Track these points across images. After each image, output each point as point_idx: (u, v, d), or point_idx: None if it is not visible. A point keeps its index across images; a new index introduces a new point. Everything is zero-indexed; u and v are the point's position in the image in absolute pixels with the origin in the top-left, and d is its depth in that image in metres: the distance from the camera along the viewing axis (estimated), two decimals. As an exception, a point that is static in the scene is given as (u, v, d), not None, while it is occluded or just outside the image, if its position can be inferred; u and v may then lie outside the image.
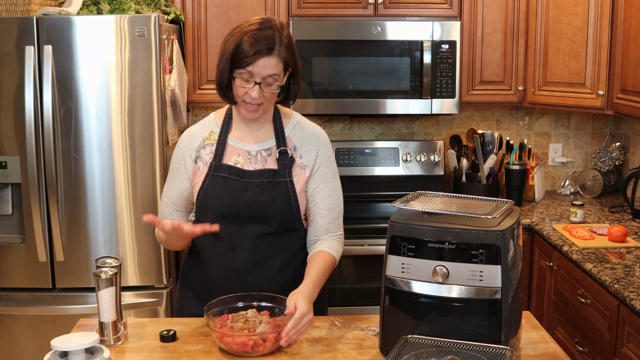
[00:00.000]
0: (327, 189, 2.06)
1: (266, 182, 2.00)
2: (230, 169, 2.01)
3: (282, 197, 2.00)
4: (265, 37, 1.89)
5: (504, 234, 1.65)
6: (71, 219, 2.95)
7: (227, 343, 1.79)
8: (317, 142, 2.07)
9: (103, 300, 1.88)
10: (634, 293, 2.22)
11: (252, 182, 2.00)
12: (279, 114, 2.07)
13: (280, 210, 2.00)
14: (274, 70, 1.90)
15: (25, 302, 3.01)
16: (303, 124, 2.10)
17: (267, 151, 2.04)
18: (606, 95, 3.13)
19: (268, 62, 1.89)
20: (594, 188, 3.65)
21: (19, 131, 2.88)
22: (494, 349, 1.61)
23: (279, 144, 2.03)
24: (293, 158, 2.03)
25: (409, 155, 3.65)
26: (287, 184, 2.01)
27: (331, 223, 2.07)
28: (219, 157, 2.03)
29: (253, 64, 1.88)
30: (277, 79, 1.93)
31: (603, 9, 3.09)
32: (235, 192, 2.00)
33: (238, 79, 1.91)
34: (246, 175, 2.00)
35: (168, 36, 3.03)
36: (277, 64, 1.90)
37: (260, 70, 1.89)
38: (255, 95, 1.92)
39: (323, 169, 2.06)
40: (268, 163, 2.02)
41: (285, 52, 1.91)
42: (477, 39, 3.42)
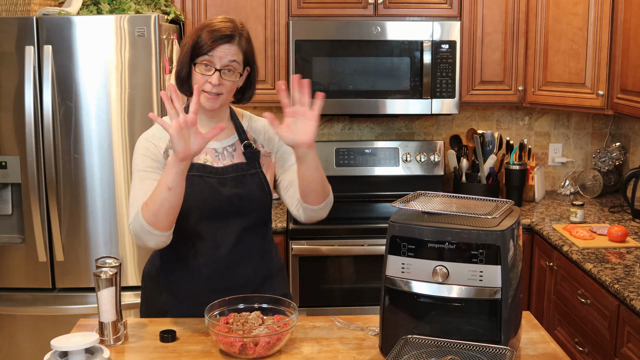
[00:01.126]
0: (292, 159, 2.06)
1: (240, 176, 2.03)
2: (204, 167, 2.02)
3: (257, 186, 2.04)
4: (225, 27, 1.95)
5: (504, 234, 1.65)
6: (71, 219, 2.95)
7: (219, 342, 1.80)
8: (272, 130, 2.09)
9: (103, 300, 1.88)
10: (634, 293, 2.22)
11: (227, 177, 2.02)
12: (233, 112, 2.13)
13: (259, 200, 2.05)
14: (235, 57, 1.94)
15: (25, 302, 3.01)
16: (255, 119, 2.16)
17: (232, 147, 2.07)
18: (606, 95, 3.13)
19: (229, 49, 1.93)
20: (594, 188, 3.65)
21: (19, 131, 2.88)
22: (494, 349, 1.61)
23: (241, 139, 2.08)
24: (257, 149, 2.08)
25: (409, 155, 3.65)
26: (259, 174, 2.05)
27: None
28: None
29: (214, 50, 1.92)
30: (236, 67, 1.96)
31: (603, 9, 3.09)
32: (214, 188, 2.01)
33: (199, 66, 1.94)
34: (219, 171, 2.02)
35: (168, 36, 3.03)
36: (237, 52, 1.95)
37: (221, 56, 1.93)
38: (215, 82, 1.93)
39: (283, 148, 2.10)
40: (235, 158, 2.06)
41: (245, 44, 1.98)
42: (477, 39, 3.42)
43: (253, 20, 3.35)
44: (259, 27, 3.36)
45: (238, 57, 1.96)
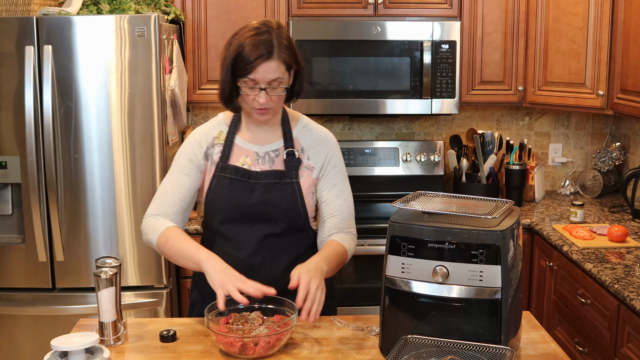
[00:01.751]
0: (336, 190, 2.08)
1: (272, 183, 2.01)
2: (237, 170, 2.01)
3: (289, 197, 2.01)
4: (263, 42, 1.88)
5: (504, 234, 1.65)
6: (71, 219, 2.95)
7: (219, 342, 1.80)
8: (327, 145, 2.09)
9: (103, 300, 1.88)
10: (634, 293, 2.22)
11: (259, 182, 2.00)
12: (287, 116, 2.09)
13: (286, 210, 2.01)
14: (276, 73, 1.90)
15: (25, 302, 3.01)
16: (311, 127, 2.11)
17: (275, 152, 2.05)
18: (606, 95, 3.13)
19: (269, 66, 1.88)
20: (594, 188, 3.65)
21: (19, 131, 2.88)
22: (494, 349, 1.61)
23: (286, 145, 2.04)
24: (300, 159, 2.04)
25: (409, 155, 3.65)
26: (293, 185, 2.02)
27: (342, 222, 2.08)
28: (225, 158, 2.03)
29: (254, 71, 1.88)
30: (281, 81, 1.92)
31: (603, 9, 3.09)
32: (241, 193, 2.00)
33: (243, 87, 1.92)
34: (252, 176, 2.01)
35: (168, 36, 3.03)
36: (278, 66, 1.90)
37: (263, 76, 1.89)
38: (262, 101, 1.92)
39: (332, 171, 2.08)
40: (275, 164, 2.04)
41: (285, 53, 1.90)
42: (477, 39, 3.42)
43: (253, 20, 3.34)
44: (259, 27, 3.35)
45: (280, 71, 1.91)
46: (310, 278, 1.81)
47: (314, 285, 1.80)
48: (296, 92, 2.03)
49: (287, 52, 1.91)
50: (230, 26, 3.34)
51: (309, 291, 1.79)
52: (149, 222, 2.03)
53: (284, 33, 1.94)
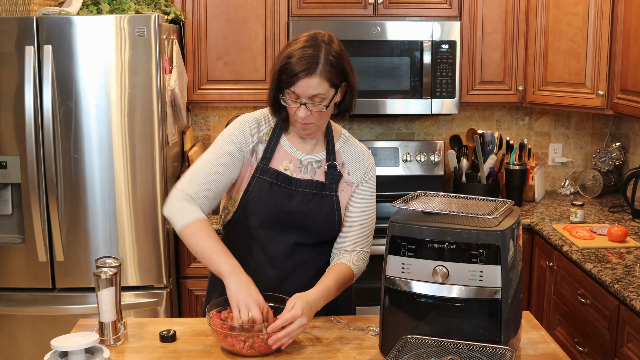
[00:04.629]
0: (363, 204, 2.07)
1: (312, 194, 1.99)
2: (278, 174, 1.98)
3: (327, 210, 2.00)
4: (307, 57, 1.85)
5: (504, 234, 1.65)
6: (71, 219, 2.95)
7: (220, 340, 1.81)
8: (366, 162, 2.08)
9: (103, 300, 1.88)
10: (634, 293, 2.22)
11: (298, 191, 1.99)
12: (330, 129, 2.06)
13: (323, 223, 2.00)
14: (317, 90, 1.86)
15: (25, 302, 3.01)
16: (352, 142, 2.10)
17: (318, 163, 2.03)
18: (606, 95, 3.13)
19: (309, 82, 1.85)
20: (594, 188, 3.65)
21: (19, 131, 2.88)
22: (494, 349, 1.61)
23: (328, 158, 2.03)
24: (341, 173, 2.03)
25: (409, 155, 3.65)
26: (332, 198, 2.01)
27: (359, 237, 2.05)
28: (267, 160, 2.00)
29: (295, 85, 1.86)
30: (323, 98, 1.88)
31: (603, 9, 3.09)
32: (280, 199, 1.98)
33: (287, 98, 1.91)
34: (292, 183, 1.99)
35: (168, 36, 3.03)
36: (320, 83, 1.86)
37: (304, 91, 1.86)
38: (302, 115, 1.90)
39: (365, 186, 2.07)
40: (317, 175, 2.02)
41: (329, 70, 1.86)
42: (477, 39, 3.42)
43: (253, 20, 3.35)
44: (259, 27, 3.36)
45: (322, 88, 1.87)
46: (302, 312, 1.77)
47: (298, 323, 1.77)
48: (343, 110, 1.99)
49: (333, 69, 1.87)
50: (230, 26, 3.34)
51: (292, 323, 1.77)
52: (180, 203, 1.93)
53: (334, 49, 1.89)
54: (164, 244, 3.00)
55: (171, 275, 3.08)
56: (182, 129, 3.45)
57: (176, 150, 3.28)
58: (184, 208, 1.92)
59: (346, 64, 1.92)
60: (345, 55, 1.93)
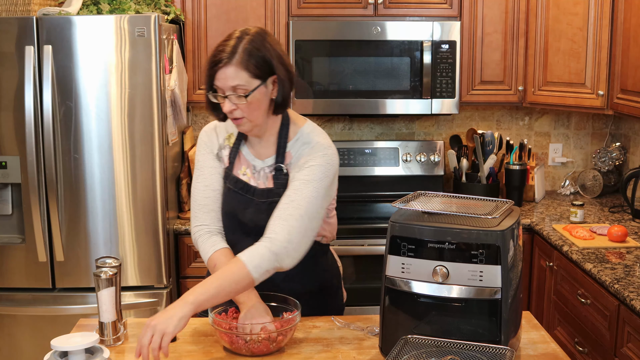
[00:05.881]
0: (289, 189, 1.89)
1: (262, 202, 1.95)
2: (237, 181, 1.98)
3: None
4: (222, 48, 1.82)
5: (504, 234, 1.65)
6: (71, 219, 2.95)
7: (222, 339, 1.82)
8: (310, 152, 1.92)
9: (103, 300, 1.88)
10: (634, 293, 2.22)
11: (252, 199, 1.96)
12: (287, 125, 1.98)
13: None
14: (236, 80, 1.81)
15: (25, 302, 3.01)
16: (307, 139, 1.95)
17: (270, 168, 1.98)
18: (606, 95, 3.13)
19: (226, 72, 1.81)
20: (594, 188, 3.65)
21: (19, 131, 2.88)
22: (494, 349, 1.61)
23: (277, 160, 1.96)
24: (288, 174, 1.94)
25: (409, 155, 3.65)
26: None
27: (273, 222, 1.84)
28: (230, 166, 2.00)
29: (215, 78, 1.83)
30: (245, 89, 1.82)
31: (603, 9, 3.09)
32: (237, 206, 1.98)
33: (218, 95, 1.87)
34: (249, 191, 1.97)
35: (168, 36, 3.03)
36: (237, 72, 1.81)
37: (224, 83, 1.83)
38: (227, 109, 1.85)
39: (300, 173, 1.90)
40: (268, 181, 1.97)
41: (247, 60, 1.81)
42: (477, 39, 3.42)
43: (253, 20, 3.35)
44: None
45: (241, 78, 1.82)
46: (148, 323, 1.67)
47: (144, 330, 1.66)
48: (279, 104, 1.90)
49: (252, 58, 1.81)
50: (230, 26, 3.34)
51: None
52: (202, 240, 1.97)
53: (259, 40, 1.84)
54: (164, 244, 3.00)
55: (171, 275, 3.08)
56: (182, 129, 3.45)
57: (176, 150, 3.28)
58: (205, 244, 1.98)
59: (270, 55, 1.85)
60: (272, 47, 1.86)
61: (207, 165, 2.02)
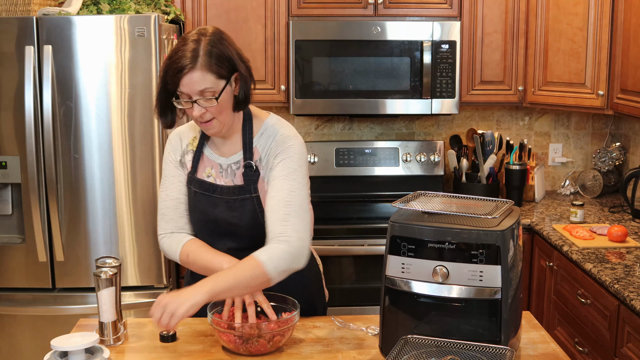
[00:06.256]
0: (272, 190, 1.88)
1: (232, 200, 1.94)
2: (202, 183, 1.97)
3: (249, 214, 1.93)
4: (186, 52, 1.78)
5: (504, 234, 1.65)
6: (71, 219, 2.95)
7: (221, 338, 1.82)
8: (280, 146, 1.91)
9: (103, 300, 1.88)
10: (634, 293, 2.22)
11: (221, 198, 1.95)
12: (250, 120, 1.96)
13: (249, 227, 1.94)
14: (203, 84, 1.79)
15: (25, 302, 3.01)
16: (272, 131, 1.94)
17: (236, 164, 1.96)
18: (606, 95, 3.13)
19: (192, 77, 1.77)
20: (594, 188, 3.65)
21: (19, 131, 2.88)
22: (494, 349, 1.61)
23: (245, 157, 1.94)
24: (259, 171, 1.93)
25: (409, 155, 3.65)
26: (252, 200, 1.93)
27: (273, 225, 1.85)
28: (193, 170, 2.00)
29: (180, 84, 1.79)
30: (213, 91, 1.80)
31: (603, 9, 3.09)
32: (205, 207, 1.97)
33: (182, 101, 1.83)
34: (216, 190, 1.95)
35: (168, 36, 3.03)
36: (203, 76, 1.78)
37: (190, 88, 1.79)
38: (197, 114, 1.83)
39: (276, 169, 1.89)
40: (236, 178, 1.95)
41: (210, 61, 1.78)
42: (477, 39, 3.42)
43: (253, 20, 3.35)
44: (259, 27, 3.36)
45: (208, 81, 1.79)
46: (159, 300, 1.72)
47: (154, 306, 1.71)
48: (240, 102, 1.88)
49: (214, 59, 1.79)
50: (230, 26, 3.34)
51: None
52: (166, 242, 2.00)
53: (217, 40, 1.82)
54: (164, 244, 3.00)
55: (171, 275, 3.09)
56: (182, 129, 3.44)
57: (176, 150, 3.28)
58: (171, 243, 1.99)
59: (230, 52, 1.83)
60: (229, 44, 1.84)
61: (169, 175, 2.03)
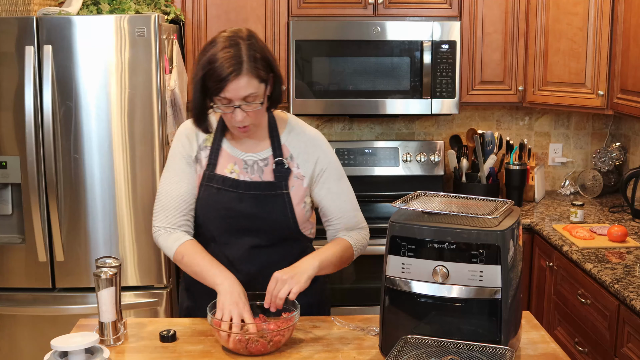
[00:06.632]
0: (332, 195, 2.03)
1: (262, 195, 1.95)
2: (225, 179, 1.96)
3: (279, 210, 1.96)
4: (230, 58, 1.79)
5: (504, 234, 1.65)
6: (71, 219, 2.95)
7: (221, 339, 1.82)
8: (315, 149, 2.01)
9: (103, 300, 1.88)
10: (634, 293, 2.22)
11: (247, 193, 1.95)
12: (274, 120, 2.00)
13: (276, 223, 1.97)
14: (248, 89, 1.81)
15: (25, 302, 3.01)
16: (299, 130, 2.02)
17: (264, 161, 1.98)
18: (606, 95, 3.13)
19: (238, 83, 1.79)
20: (594, 188, 3.65)
21: (19, 131, 2.88)
22: (494, 349, 1.61)
23: (275, 154, 1.97)
24: (290, 169, 1.97)
25: (409, 155, 3.65)
26: (283, 196, 1.96)
27: (348, 222, 2.06)
28: (212, 166, 1.98)
29: (225, 89, 1.79)
30: (256, 96, 1.83)
31: (603, 9, 3.09)
32: (229, 203, 1.96)
33: (219, 105, 1.84)
34: (240, 186, 1.95)
35: (168, 36, 3.03)
36: (249, 81, 1.80)
37: (235, 94, 1.80)
38: (239, 119, 1.84)
39: (324, 176, 2.02)
40: (265, 174, 1.97)
41: (255, 66, 1.81)
42: (477, 39, 3.42)
43: (253, 20, 3.35)
44: (259, 27, 3.36)
45: (252, 86, 1.81)
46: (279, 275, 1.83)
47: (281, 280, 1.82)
48: (274, 101, 1.94)
49: (259, 64, 1.82)
50: (230, 26, 3.32)
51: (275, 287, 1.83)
52: (163, 237, 2.00)
53: (256, 43, 1.84)
54: (164, 244, 3.00)
55: (171, 275, 3.08)
56: (182, 129, 3.44)
57: (176, 150, 3.27)
58: (167, 241, 1.99)
59: (269, 55, 1.87)
60: (265, 46, 1.88)
61: (178, 170, 2.00)
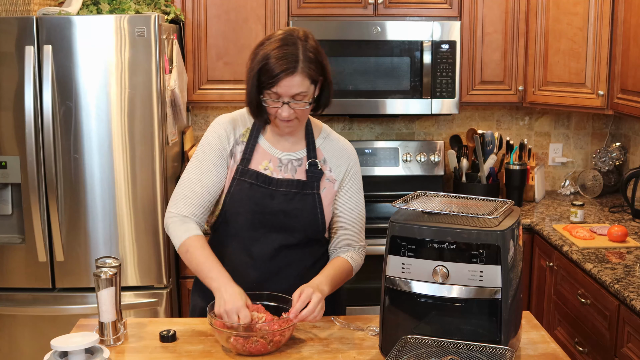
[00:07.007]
0: (351, 203, 2.07)
1: (293, 193, 1.98)
2: (258, 175, 1.98)
3: (309, 209, 1.99)
4: (286, 56, 1.84)
5: (504, 234, 1.65)
6: (71, 219, 2.95)
7: (222, 339, 1.82)
8: (348, 157, 2.07)
9: (103, 300, 1.88)
10: (634, 293, 2.22)
11: (279, 190, 1.98)
12: (310, 124, 2.06)
13: (306, 222, 2.00)
14: (300, 88, 1.86)
15: (25, 302, 3.01)
16: (333, 138, 2.09)
17: (298, 161, 2.02)
18: (606, 95, 3.13)
19: (291, 81, 1.85)
20: (594, 188, 3.65)
21: (19, 131, 2.88)
22: (494, 349, 1.61)
23: (309, 155, 2.02)
24: (322, 171, 2.02)
25: (409, 155, 3.65)
26: (314, 196, 2.00)
27: (354, 236, 2.09)
28: (246, 161, 1.99)
29: (277, 85, 1.85)
30: (305, 95, 1.89)
31: (603, 9, 3.09)
32: (261, 199, 1.97)
33: (267, 99, 1.89)
34: (273, 182, 1.98)
35: (168, 36, 3.03)
36: (302, 81, 1.86)
37: (286, 90, 1.86)
38: (285, 115, 1.89)
39: (349, 184, 2.07)
40: (298, 173, 2.01)
41: (309, 67, 1.86)
42: (477, 39, 3.42)
43: (253, 20, 3.35)
44: (259, 27, 3.36)
45: (304, 86, 1.87)
46: (312, 290, 1.84)
47: (316, 299, 1.82)
48: (322, 104, 1.99)
49: (312, 65, 1.87)
50: (230, 26, 3.34)
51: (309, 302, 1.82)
52: (175, 225, 1.99)
53: (311, 45, 1.90)
54: (164, 244, 3.00)
55: (171, 275, 3.08)
56: (182, 129, 3.45)
57: (176, 150, 3.28)
58: (179, 229, 1.98)
59: (323, 59, 1.92)
60: (321, 50, 1.93)
61: (209, 162, 1.99)
